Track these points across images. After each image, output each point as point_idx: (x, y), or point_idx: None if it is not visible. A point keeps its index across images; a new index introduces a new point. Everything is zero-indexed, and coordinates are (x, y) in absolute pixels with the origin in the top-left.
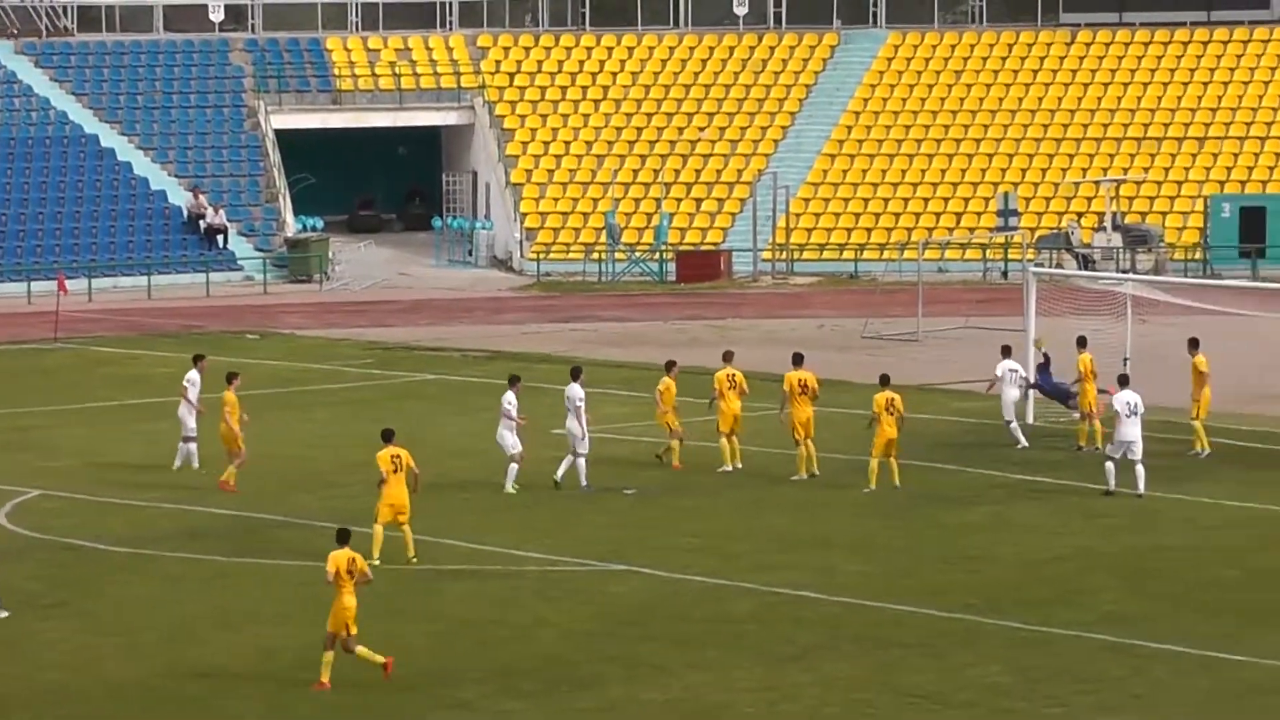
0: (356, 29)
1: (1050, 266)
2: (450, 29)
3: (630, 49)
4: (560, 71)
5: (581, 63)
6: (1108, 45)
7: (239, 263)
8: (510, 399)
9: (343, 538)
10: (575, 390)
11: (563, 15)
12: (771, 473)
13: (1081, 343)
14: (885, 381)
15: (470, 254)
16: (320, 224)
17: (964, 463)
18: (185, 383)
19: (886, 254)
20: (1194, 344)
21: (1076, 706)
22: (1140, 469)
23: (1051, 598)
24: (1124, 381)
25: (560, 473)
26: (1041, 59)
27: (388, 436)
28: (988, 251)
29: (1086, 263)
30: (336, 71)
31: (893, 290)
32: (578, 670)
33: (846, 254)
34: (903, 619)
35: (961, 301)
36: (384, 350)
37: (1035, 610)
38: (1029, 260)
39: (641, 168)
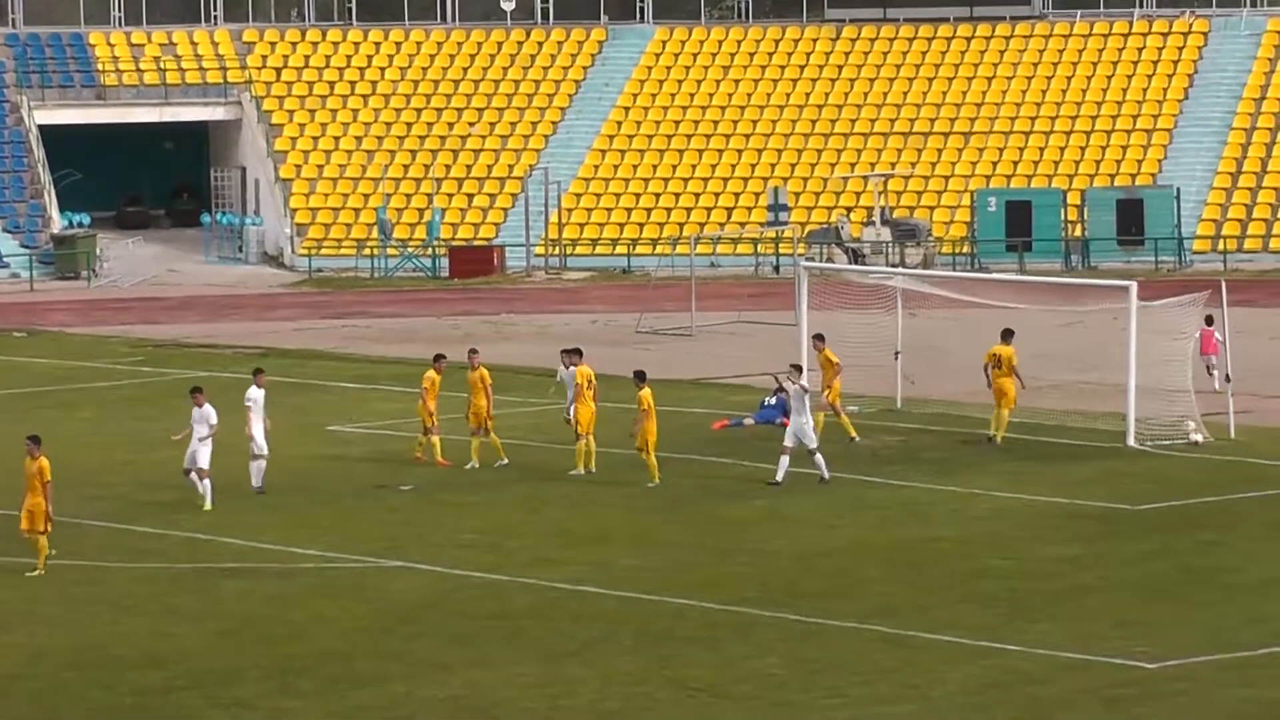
0: (120, 23)
1: (821, 261)
2: (215, 23)
3: (398, 44)
4: (328, 66)
5: (349, 57)
6: (873, 41)
7: (4, 260)
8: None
9: None
10: (254, 392)
11: (329, 9)
12: (549, 468)
13: (1006, 335)
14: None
15: (240, 250)
16: (87, 220)
17: (739, 456)
18: None
19: (659, 249)
20: (1007, 335)
21: (854, 698)
22: (819, 457)
23: (826, 590)
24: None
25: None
26: (808, 55)
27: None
28: (759, 246)
29: (856, 257)
30: (100, 66)
31: (666, 285)
32: (357, 668)
33: (619, 249)
34: (681, 612)
35: (734, 296)
36: (154, 347)
37: (810, 602)
38: (800, 255)
39: (412, 163)
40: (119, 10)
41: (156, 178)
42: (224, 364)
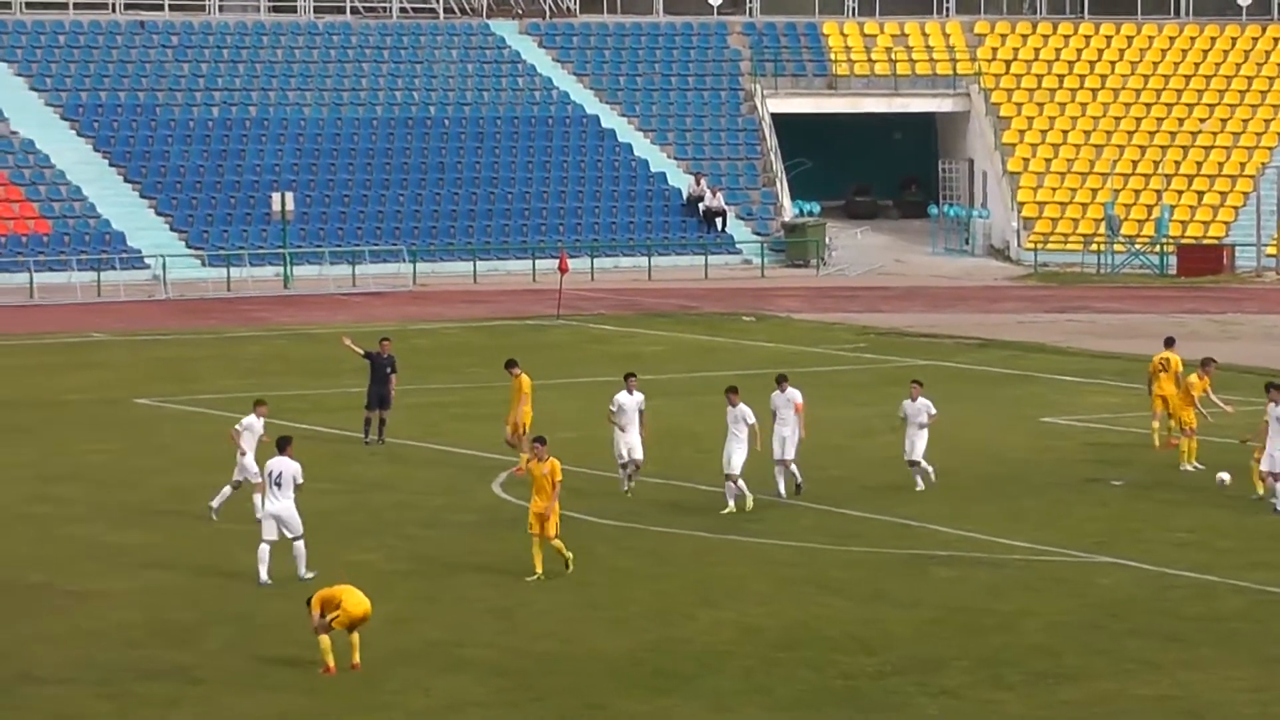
0: (853, 14)
1: None
2: (947, 15)
3: (1129, 38)
4: (1058, 60)
5: (1079, 51)
6: None
7: (737, 246)
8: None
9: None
10: (251, 421)
11: (1061, 3)
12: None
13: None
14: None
15: (966, 242)
16: (817, 209)
17: None
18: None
19: None
20: None
21: None
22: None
23: None
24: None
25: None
26: None
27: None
28: None
29: None
30: (832, 56)
31: None
32: (1064, 662)
33: None
34: None
35: None
36: (877, 335)
37: None
38: None
39: (1141, 159)
40: (853, 1)
41: (885, 168)
42: (945, 354)
